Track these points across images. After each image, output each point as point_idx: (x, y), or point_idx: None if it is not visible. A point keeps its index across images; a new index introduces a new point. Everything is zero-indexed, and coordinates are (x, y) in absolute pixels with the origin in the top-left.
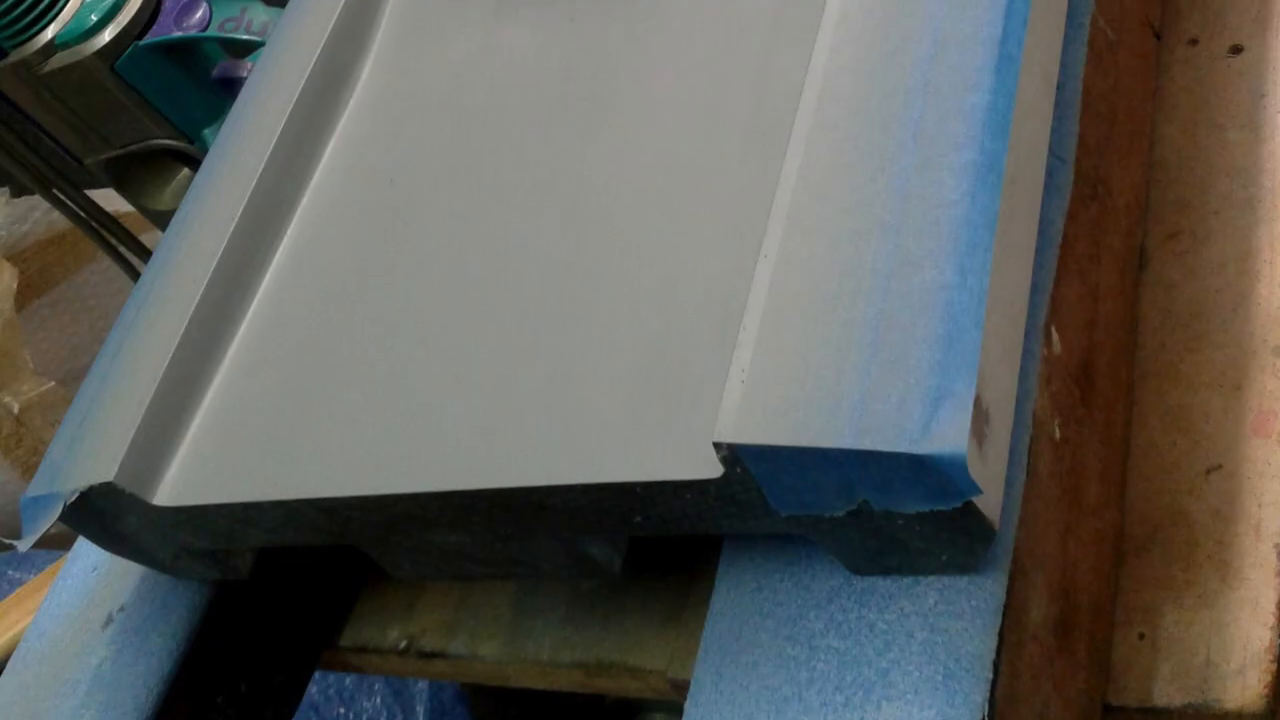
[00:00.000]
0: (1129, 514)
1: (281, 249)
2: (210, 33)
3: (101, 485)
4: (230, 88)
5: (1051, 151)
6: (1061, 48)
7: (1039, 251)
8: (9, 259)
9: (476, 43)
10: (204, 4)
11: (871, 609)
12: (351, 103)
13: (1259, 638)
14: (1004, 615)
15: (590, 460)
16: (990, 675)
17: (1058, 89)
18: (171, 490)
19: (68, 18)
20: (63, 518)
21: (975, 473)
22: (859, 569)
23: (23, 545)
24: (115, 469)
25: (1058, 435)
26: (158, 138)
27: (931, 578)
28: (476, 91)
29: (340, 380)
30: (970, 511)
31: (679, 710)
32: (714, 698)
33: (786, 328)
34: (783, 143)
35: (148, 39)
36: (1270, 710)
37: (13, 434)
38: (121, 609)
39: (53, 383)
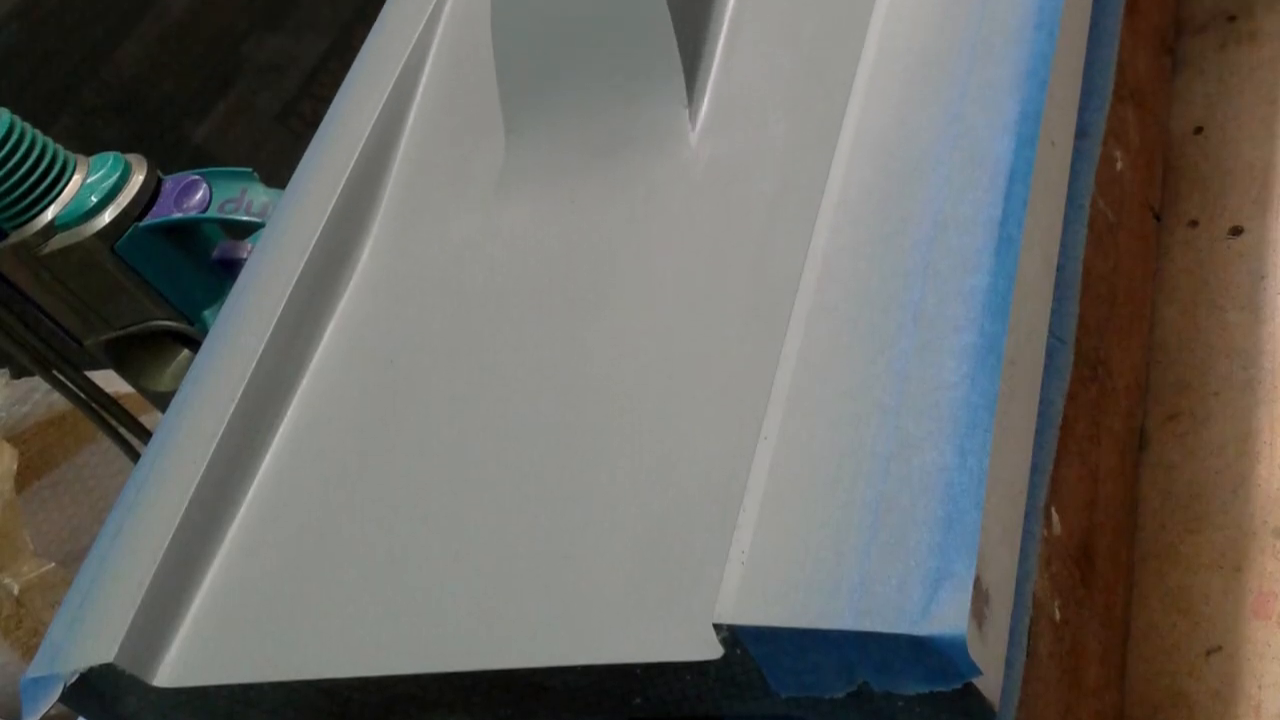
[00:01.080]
0: (1129, 695)
1: (281, 430)
2: (210, 214)
3: (102, 666)
4: (230, 269)
5: (1052, 333)
6: (1061, 229)
7: (1039, 432)
8: (9, 440)
9: (476, 224)
10: (204, 185)
11: None
12: (351, 284)
13: None
14: None
15: (590, 641)
16: None
17: (1058, 270)
18: (172, 671)
19: (68, 199)
20: (63, 699)
21: (975, 654)
22: None
23: None
24: (115, 650)
25: (1058, 616)
26: (158, 319)
27: None
28: (476, 272)
29: (340, 561)
30: (970, 693)
31: None
32: None
33: (786, 509)
34: (782, 324)
35: (148, 220)
36: None
37: (13, 615)
38: None
39: (53, 564)
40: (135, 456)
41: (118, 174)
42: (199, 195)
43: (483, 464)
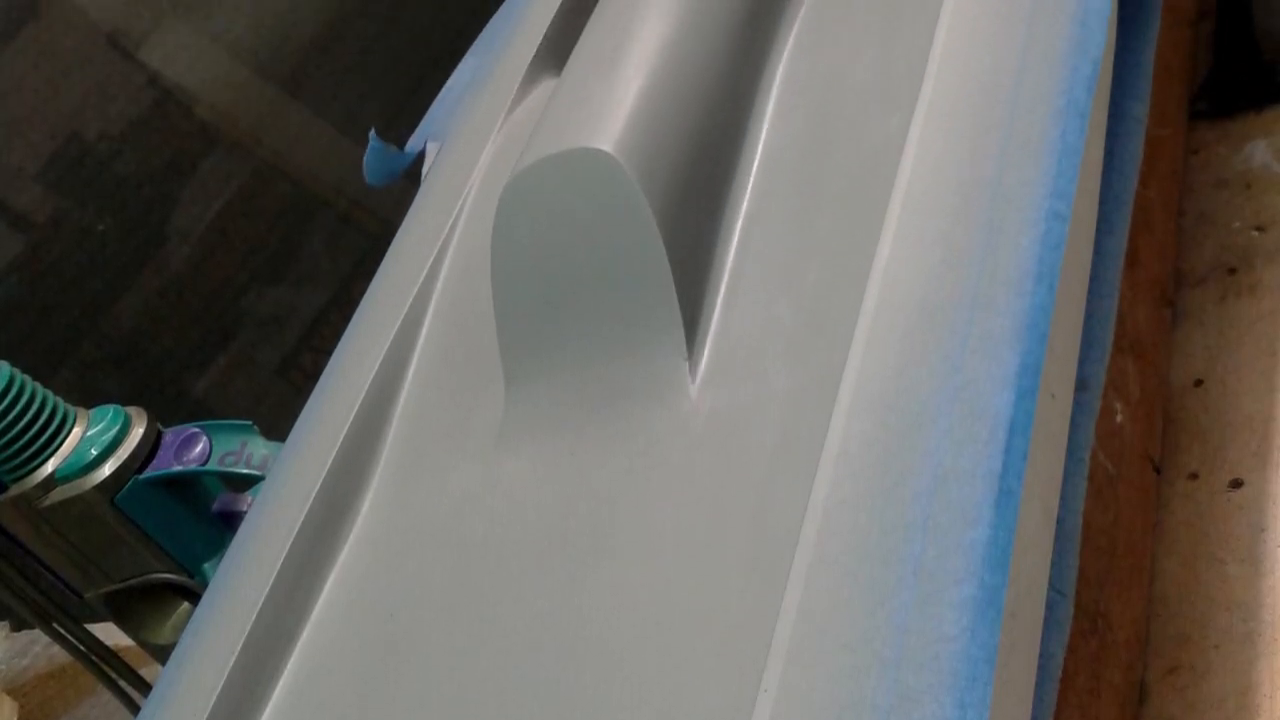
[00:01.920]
0: None
1: (281, 683)
2: (210, 467)
3: None
4: (230, 522)
5: (1051, 585)
6: (1062, 482)
7: (1038, 685)
8: (9, 693)
9: (476, 476)
10: (204, 438)
11: None
12: (351, 537)
13: None
14: None
15: None
16: None
17: (1058, 523)
18: None
19: (68, 452)
20: None
21: None
22: None
23: None
24: None
25: None
26: (158, 571)
27: None
28: (476, 525)
29: None
30: None
31: None
32: None
33: None
34: (782, 577)
35: (148, 473)
36: None
37: None
38: None
39: None
40: (135, 709)
41: (118, 427)
42: (199, 448)
43: (483, 717)
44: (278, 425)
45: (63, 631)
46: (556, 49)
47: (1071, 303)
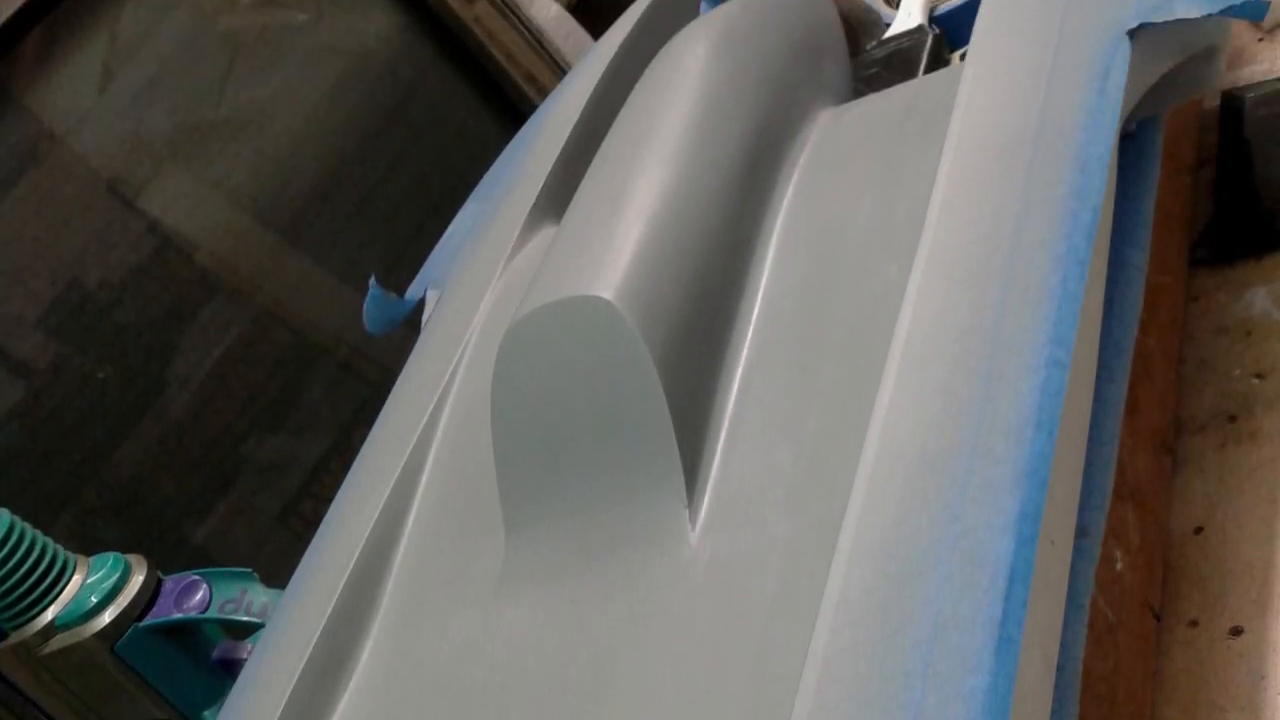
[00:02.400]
0: None
1: None
2: (210, 614)
3: None
4: (230, 669)
5: None
6: (1061, 629)
7: None
8: None
9: (476, 624)
10: (204, 585)
11: None
12: (352, 684)
13: None
14: None
15: None
16: None
17: (1058, 670)
18: None
19: (68, 599)
20: None
21: None
22: None
23: None
24: None
25: None
26: (158, 719)
27: None
28: (476, 673)
29: None
30: None
31: None
32: None
33: None
34: None
35: (148, 621)
36: None
37: None
38: None
39: None
40: None
41: (118, 574)
42: (199, 595)
43: None
44: (278, 572)
45: None
46: (557, 196)
47: (1071, 450)
